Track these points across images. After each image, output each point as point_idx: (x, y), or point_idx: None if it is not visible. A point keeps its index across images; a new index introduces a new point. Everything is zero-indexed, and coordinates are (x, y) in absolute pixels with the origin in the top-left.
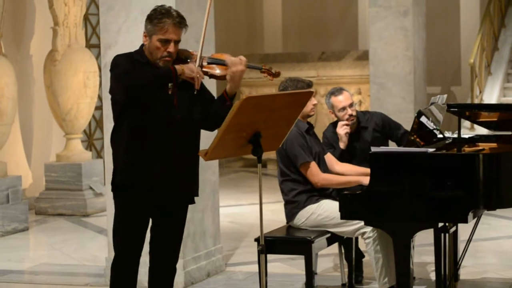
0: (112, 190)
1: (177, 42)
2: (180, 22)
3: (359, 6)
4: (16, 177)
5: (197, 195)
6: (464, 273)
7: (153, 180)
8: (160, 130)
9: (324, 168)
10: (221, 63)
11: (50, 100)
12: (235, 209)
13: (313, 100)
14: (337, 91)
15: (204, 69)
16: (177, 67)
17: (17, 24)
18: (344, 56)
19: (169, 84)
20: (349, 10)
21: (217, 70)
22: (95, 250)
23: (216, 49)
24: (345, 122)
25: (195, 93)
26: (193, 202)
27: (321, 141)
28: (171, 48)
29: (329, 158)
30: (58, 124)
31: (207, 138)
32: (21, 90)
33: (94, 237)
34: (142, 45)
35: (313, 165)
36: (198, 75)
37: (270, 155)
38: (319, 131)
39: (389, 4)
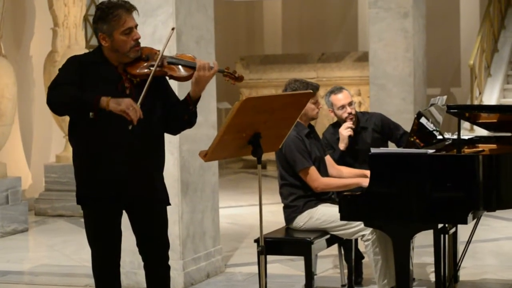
0: (77, 202)
1: (137, 27)
2: (131, 6)
3: (359, 7)
4: (15, 178)
5: (164, 199)
6: (464, 274)
7: (107, 190)
8: (112, 138)
9: (325, 171)
10: (188, 65)
11: None
12: (234, 210)
13: (320, 103)
14: (337, 89)
15: (164, 69)
16: (103, 98)
17: (17, 25)
18: (344, 57)
19: (90, 113)
20: (349, 11)
21: (180, 72)
22: None
23: (216, 50)
24: (350, 124)
25: (129, 128)
26: (166, 204)
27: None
28: (136, 34)
29: (327, 160)
30: (58, 125)
31: (208, 139)
32: (21, 91)
33: None
34: (99, 46)
35: (313, 170)
36: (130, 110)
37: (269, 156)
38: (318, 132)
39: (389, 5)
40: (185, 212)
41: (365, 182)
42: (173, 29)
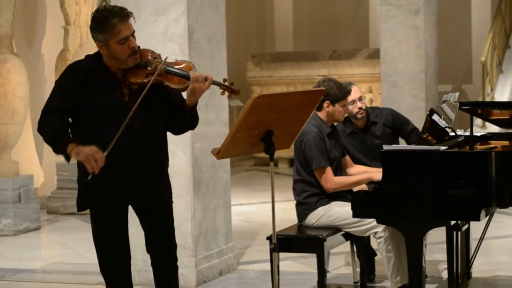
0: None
1: (133, 34)
2: (126, 14)
3: (370, 4)
4: (28, 176)
5: (167, 199)
6: (476, 271)
7: (110, 199)
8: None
9: (340, 173)
10: (183, 76)
11: None
12: (246, 207)
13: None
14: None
15: (161, 79)
16: (69, 147)
17: (29, 24)
18: (355, 55)
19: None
20: (360, 8)
21: (176, 82)
22: None
23: (228, 48)
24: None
25: (88, 178)
26: (170, 203)
27: None
28: (132, 43)
29: (346, 160)
30: None
31: (220, 137)
32: (33, 90)
33: None
34: (98, 51)
35: (328, 171)
36: (89, 160)
37: (281, 153)
38: None
39: (400, 2)
40: (197, 209)
41: (376, 176)
42: (166, 58)
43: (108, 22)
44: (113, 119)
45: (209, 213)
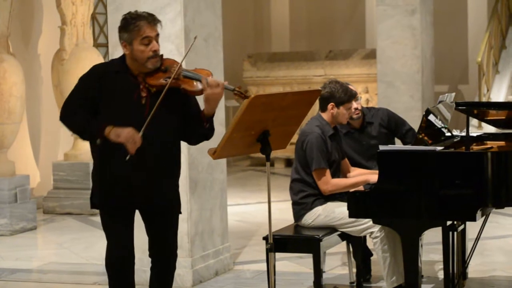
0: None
1: (157, 39)
2: (153, 19)
3: (367, 4)
4: (24, 176)
5: (176, 207)
6: (472, 271)
7: (123, 200)
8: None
9: (338, 176)
10: (197, 79)
11: (58, 99)
12: (243, 207)
13: (355, 104)
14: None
15: (178, 82)
16: (107, 128)
17: (25, 23)
18: (351, 55)
19: (98, 140)
20: (357, 8)
21: (193, 86)
22: (103, 249)
23: (224, 48)
24: None
25: (127, 158)
26: (178, 213)
27: None
28: (154, 46)
29: (345, 163)
30: None
31: (216, 137)
32: (29, 89)
33: (102, 236)
34: (124, 54)
35: (327, 173)
36: (130, 141)
37: (277, 153)
38: None
39: (396, 2)
40: (193, 209)
41: (372, 178)
42: (195, 37)
43: (135, 23)
44: (128, 120)
45: (205, 213)
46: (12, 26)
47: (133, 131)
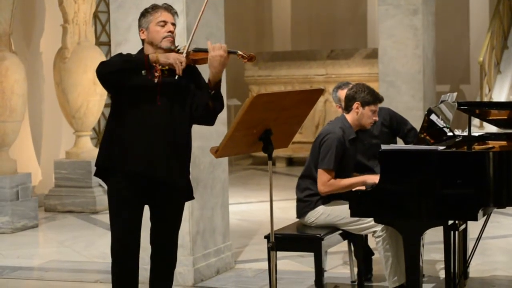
0: (95, 174)
1: (173, 26)
2: (171, 8)
3: (368, 4)
4: (25, 174)
5: (185, 186)
6: (473, 270)
7: (131, 165)
8: (143, 117)
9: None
10: (204, 50)
11: (59, 98)
12: (244, 206)
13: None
14: (344, 84)
15: (191, 57)
16: (152, 54)
17: (27, 22)
18: (353, 54)
19: (143, 71)
20: (358, 8)
21: (199, 56)
22: (105, 247)
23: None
24: None
25: (176, 78)
26: (190, 198)
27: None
28: (170, 27)
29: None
30: (68, 121)
31: (218, 136)
32: (31, 88)
33: (104, 234)
34: (142, 48)
35: (331, 175)
36: (177, 61)
37: (278, 152)
38: None
39: (398, 2)
40: (195, 208)
41: (370, 179)
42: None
43: (154, 9)
44: (142, 98)
45: (207, 212)
46: (14, 24)
47: (178, 54)
